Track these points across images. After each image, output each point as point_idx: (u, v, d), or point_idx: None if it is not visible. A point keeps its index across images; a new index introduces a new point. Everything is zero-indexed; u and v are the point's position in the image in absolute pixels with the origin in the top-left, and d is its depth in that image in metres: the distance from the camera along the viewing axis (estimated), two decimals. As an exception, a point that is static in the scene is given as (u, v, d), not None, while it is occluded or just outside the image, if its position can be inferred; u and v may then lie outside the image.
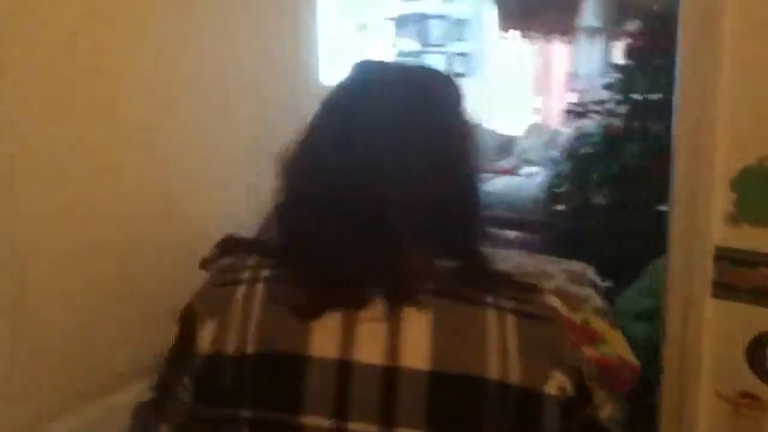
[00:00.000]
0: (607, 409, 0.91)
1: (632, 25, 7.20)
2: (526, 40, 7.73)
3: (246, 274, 0.87)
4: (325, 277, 0.82)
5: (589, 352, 2.02)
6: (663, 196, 3.95)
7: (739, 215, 1.48)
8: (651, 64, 4.11)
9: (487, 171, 6.64)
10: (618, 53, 7.54)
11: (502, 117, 7.55)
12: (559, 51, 7.78)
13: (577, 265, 2.91)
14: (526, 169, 6.48)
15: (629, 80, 4.19)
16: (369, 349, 0.80)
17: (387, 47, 7.20)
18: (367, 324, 0.81)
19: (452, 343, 0.80)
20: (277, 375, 0.82)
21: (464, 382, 0.79)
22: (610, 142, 4.14)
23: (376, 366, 0.79)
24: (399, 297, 0.81)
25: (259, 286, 0.85)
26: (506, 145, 6.96)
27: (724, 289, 1.51)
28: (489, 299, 0.83)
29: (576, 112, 7.35)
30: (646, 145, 3.98)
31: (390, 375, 0.79)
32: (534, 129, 7.08)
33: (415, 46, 7.42)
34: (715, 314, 1.53)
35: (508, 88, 7.77)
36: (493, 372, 0.79)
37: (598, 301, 2.53)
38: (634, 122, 4.11)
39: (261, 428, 0.81)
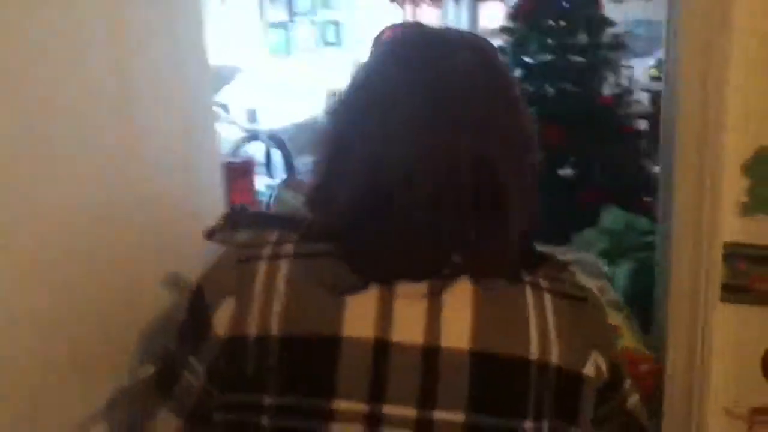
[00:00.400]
0: (635, 396, 0.86)
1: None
2: (396, 4, 7.40)
3: (267, 250, 0.79)
4: (368, 248, 0.76)
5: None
6: (562, 161, 3.83)
7: (754, 205, 1.20)
8: (540, 26, 3.89)
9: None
10: (487, 15, 7.42)
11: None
12: (429, 15, 7.52)
13: (587, 256, 2.58)
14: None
15: (520, 43, 3.94)
16: (408, 328, 0.74)
17: (253, 18, 6.67)
18: (405, 301, 0.75)
19: (494, 321, 0.75)
20: (306, 358, 0.75)
21: (507, 363, 0.75)
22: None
23: (416, 346, 0.74)
24: (443, 272, 0.75)
25: (283, 263, 0.77)
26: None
27: (736, 292, 1.24)
28: (527, 278, 0.79)
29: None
30: (540, 109, 3.77)
31: (430, 355, 0.74)
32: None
33: (282, 16, 6.93)
34: (725, 320, 1.25)
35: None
36: (534, 352, 0.75)
37: (612, 293, 2.26)
38: (527, 86, 3.88)
39: (286, 415, 0.74)
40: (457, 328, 0.74)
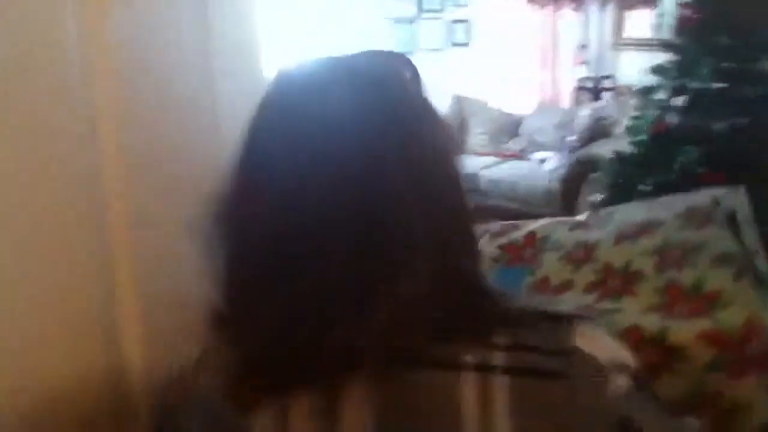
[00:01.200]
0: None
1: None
2: (533, 5, 6.67)
3: (205, 361, 0.69)
4: (254, 352, 0.62)
5: (702, 323, 1.44)
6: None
7: None
8: (713, 44, 3.13)
9: (492, 154, 5.75)
10: (633, 24, 6.57)
11: (506, 93, 6.54)
12: (568, 19, 6.74)
13: (702, 198, 1.92)
14: (537, 154, 5.50)
15: (686, 63, 3.19)
16: None
17: (377, 13, 6.15)
18: (298, 421, 0.61)
19: None
20: None
21: None
22: (661, 142, 3.17)
23: None
24: (336, 378, 0.59)
25: (207, 376, 0.67)
26: (512, 126, 5.96)
27: None
28: (469, 357, 0.59)
29: (588, 89, 6.40)
30: (708, 147, 3.03)
31: None
32: (543, 108, 6.06)
33: (409, 11, 6.37)
34: None
35: (513, 61, 6.71)
36: None
37: (721, 244, 1.69)
38: (691, 118, 3.14)
39: None
40: None
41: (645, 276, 1.69)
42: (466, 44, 6.54)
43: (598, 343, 0.62)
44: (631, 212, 1.96)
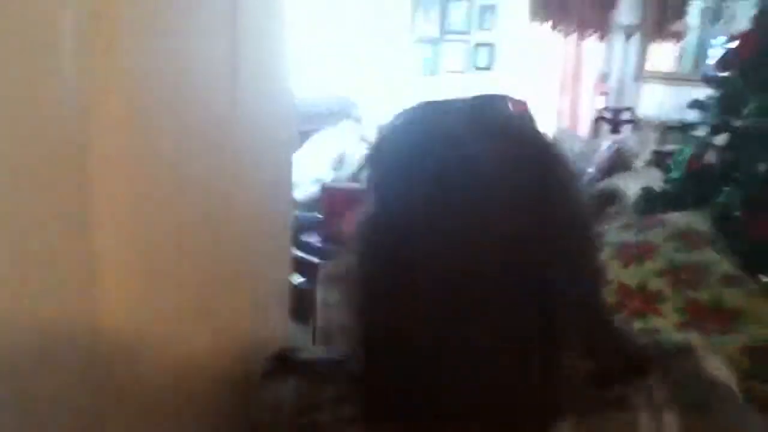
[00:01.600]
0: None
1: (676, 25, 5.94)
2: (558, 33, 6.40)
3: (325, 416, 0.61)
4: (419, 409, 0.57)
5: (739, 338, 1.56)
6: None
7: None
8: (762, 79, 2.83)
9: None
10: (656, 56, 6.29)
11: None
12: (592, 48, 6.47)
13: (680, 221, 2.07)
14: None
15: (729, 99, 2.90)
16: None
17: (402, 32, 5.90)
18: None
19: None
20: None
21: None
22: (697, 180, 2.87)
23: None
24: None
25: None
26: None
27: None
28: (638, 398, 0.57)
29: (607, 120, 6.10)
30: (750, 190, 2.72)
31: None
32: (561, 136, 5.76)
33: (433, 31, 6.11)
34: None
35: (534, 86, 6.43)
36: None
37: (725, 264, 1.83)
38: (732, 156, 2.84)
39: None
40: None
41: (664, 296, 1.77)
42: (488, 68, 6.27)
43: (719, 369, 0.63)
44: (619, 234, 2.08)
